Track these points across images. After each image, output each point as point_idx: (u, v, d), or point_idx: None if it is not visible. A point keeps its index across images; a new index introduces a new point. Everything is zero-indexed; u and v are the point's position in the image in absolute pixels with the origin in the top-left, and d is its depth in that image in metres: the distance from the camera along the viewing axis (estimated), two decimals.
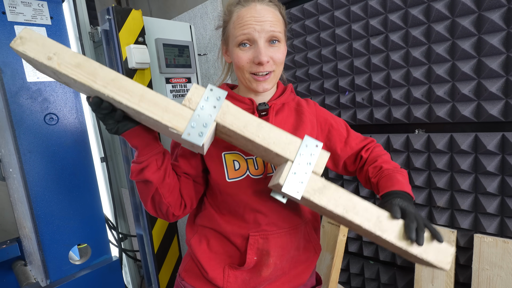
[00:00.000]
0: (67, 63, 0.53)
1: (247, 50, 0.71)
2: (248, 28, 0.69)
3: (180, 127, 0.55)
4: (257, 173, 0.75)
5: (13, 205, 1.46)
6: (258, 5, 0.70)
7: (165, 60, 1.31)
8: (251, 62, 0.71)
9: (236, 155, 0.76)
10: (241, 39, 0.71)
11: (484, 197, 1.03)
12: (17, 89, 1.03)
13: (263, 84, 0.74)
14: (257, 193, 0.74)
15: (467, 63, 1.00)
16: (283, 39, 0.73)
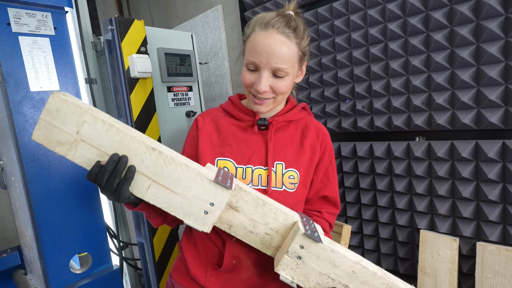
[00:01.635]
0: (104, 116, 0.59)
1: (252, 73, 0.74)
2: (256, 58, 0.72)
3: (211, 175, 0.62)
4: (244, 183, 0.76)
5: (14, 213, 1.46)
6: (275, 34, 0.71)
7: (166, 69, 1.32)
8: (252, 85, 0.75)
9: (228, 162, 0.79)
10: (248, 63, 0.74)
11: (486, 204, 1.03)
12: (20, 99, 1.04)
13: (258, 106, 0.78)
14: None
15: (466, 71, 1.01)
16: (291, 72, 0.74)
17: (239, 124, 0.85)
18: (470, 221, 1.07)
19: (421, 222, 1.17)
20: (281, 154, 0.80)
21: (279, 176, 0.79)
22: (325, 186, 0.86)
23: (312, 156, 0.83)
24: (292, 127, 0.85)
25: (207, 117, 0.88)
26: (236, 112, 0.86)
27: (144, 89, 1.22)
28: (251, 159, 0.80)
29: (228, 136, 0.83)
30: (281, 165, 0.80)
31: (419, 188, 1.16)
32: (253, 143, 0.81)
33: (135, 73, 1.15)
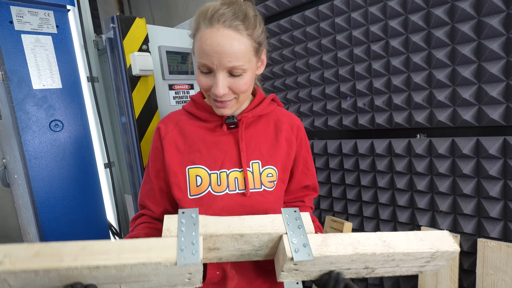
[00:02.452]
0: (22, 258, 0.47)
1: (207, 76, 0.68)
2: (206, 59, 0.65)
3: (172, 257, 0.52)
4: (219, 190, 0.73)
5: (17, 211, 1.47)
6: (222, 29, 0.63)
7: (168, 67, 1.33)
8: (210, 88, 0.69)
9: (200, 170, 0.74)
10: (200, 65, 0.67)
11: (487, 201, 1.03)
12: (23, 96, 1.05)
13: (221, 110, 0.72)
14: (215, 211, 0.73)
15: (467, 68, 1.01)
16: (249, 68, 0.68)
17: (206, 125, 0.79)
18: (471, 217, 1.07)
19: (422, 219, 1.18)
20: (256, 152, 0.77)
21: (257, 176, 0.75)
22: (306, 176, 0.88)
23: (289, 150, 0.81)
24: (264, 121, 0.81)
25: (169, 123, 0.80)
26: (200, 113, 0.79)
27: (145, 87, 1.23)
28: (224, 163, 0.75)
29: (196, 141, 0.77)
30: (257, 163, 0.76)
31: (420, 185, 1.16)
32: (224, 145, 0.77)
33: (136, 71, 1.15)
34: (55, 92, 1.12)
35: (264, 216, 0.61)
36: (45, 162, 1.09)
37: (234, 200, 0.74)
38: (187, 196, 0.73)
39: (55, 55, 1.12)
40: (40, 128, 1.09)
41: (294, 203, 0.91)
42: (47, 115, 1.10)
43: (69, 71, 1.15)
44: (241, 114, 0.78)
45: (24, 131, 1.05)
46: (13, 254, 0.47)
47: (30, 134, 1.06)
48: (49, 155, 1.10)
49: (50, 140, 1.10)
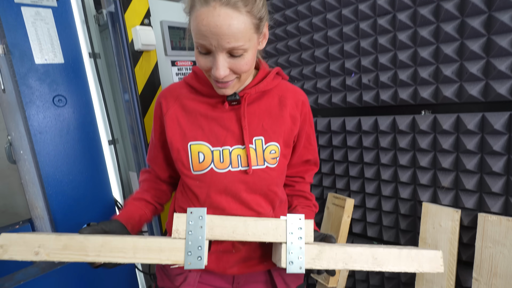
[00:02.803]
0: (54, 250, 0.54)
1: (206, 56, 0.65)
2: (204, 41, 0.61)
3: (180, 261, 0.58)
4: (222, 167, 0.73)
5: (25, 187, 1.50)
6: (219, 8, 0.58)
7: (170, 43, 1.31)
8: (210, 69, 0.66)
9: (202, 146, 0.74)
10: (198, 45, 0.64)
11: (489, 176, 1.03)
12: (26, 71, 1.04)
13: (223, 90, 0.70)
14: (218, 188, 0.74)
15: (476, 41, 0.99)
16: (250, 46, 0.64)
17: (208, 101, 0.76)
18: (473, 193, 1.08)
19: (423, 195, 1.19)
20: (259, 128, 0.76)
21: (260, 153, 0.75)
22: (307, 151, 0.89)
23: (293, 126, 0.80)
24: (267, 96, 0.79)
25: (170, 98, 0.79)
26: (202, 87, 0.77)
27: (148, 62, 1.21)
28: (226, 139, 0.74)
29: (197, 117, 0.76)
30: (260, 140, 0.75)
31: (423, 161, 1.16)
32: (226, 121, 0.75)
33: (139, 45, 1.14)
34: (58, 67, 1.11)
35: (268, 221, 0.63)
36: (50, 137, 1.10)
37: (237, 177, 0.74)
38: (190, 172, 0.74)
39: (56, 29, 1.10)
40: (44, 103, 1.08)
41: (294, 178, 0.92)
42: (50, 90, 1.09)
43: (71, 46, 1.13)
44: (243, 91, 0.75)
45: (28, 106, 1.05)
46: (46, 245, 0.54)
47: (34, 109, 1.07)
48: (54, 130, 1.11)
49: (54, 115, 1.11)
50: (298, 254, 0.62)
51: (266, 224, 0.63)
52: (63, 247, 0.54)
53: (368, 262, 0.63)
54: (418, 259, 0.65)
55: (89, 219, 1.23)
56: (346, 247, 0.64)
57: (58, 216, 1.14)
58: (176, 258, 0.58)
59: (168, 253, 0.58)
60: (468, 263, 1.11)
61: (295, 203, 0.91)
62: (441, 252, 0.66)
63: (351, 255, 0.63)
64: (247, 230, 0.62)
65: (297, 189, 0.92)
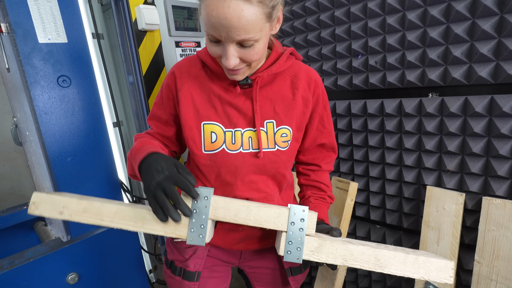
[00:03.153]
0: (75, 212, 0.61)
1: (217, 45, 0.64)
2: (214, 32, 0.60)
3: (183, 236, 0.62)
4: (234, 148, 0.74)
5: (31, 168, 1.52)
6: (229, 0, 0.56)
7: (174, 23, 1.29)
8: (221, 57, 0.65)
9: (215, 127, 0.74)
10: (208, 34, 0.63)
11: (495, 160, 1.03)
12: (29, 50, 1.04)
13: (233, 76, 0.69)
14: (229, 169, 0.75)
15: (488, 20, 0.96)
16: (261, 36, 0.63)
17: (221, 83, 0.76)
18: (478, 176, 1.07)
19: (428, 178, 1.19)
20: (271, 111, 0.76)
21: (271, 135, 0.75)
22: (321, 133, 0.86)
23: (305, 109, 0.79)
24: (280, 79, 0.78)
25: (185, 74, 0.77)
26: (216, 68, 0.75)
27: (152, 43, 1.20)
28: (238, 122, 0.75)
29: (211, 97, 0.75)
30: (271, 123, 0.76)
31: (429, 144, 1.15)
32: (238, 104, 0.75)
33: (142, 25, 1.12)
34: (61, 47, 1.10)
35: (272, 209, 0.63)
36: (55, 118, 1.10)
37: (248, 159, 0.75)
38: (201, 151, 0.74)
39: (58, 7, 1.08)
40: (49, 83, 1.08)
41: (310, 166, 0.90)
42: (54, 70, 1.09)
43: (74, 25, 1.12)
44: (255, 74, 0.74)
45: (32, 86, 1.05)
46: (69, 206, 0.61)
47: (39, 89, 1.06)
48: (59, 111, 1.11)
49: (59, 96, 1.10)
50: (297, 245, 0.63)
51: (269, 211, 0.64)
52: (82, 210, 0.61)
53: (370, 262, 0.62)
54: (426, 266, 0.63)
55: None
56: (349, 244, 0.63)
57: None
58: (180, 232, 0.62)
59: (173, 227, 0.61)
60: (471, 246, 1.12)
61: (308, 194, 0.89)
62: (453, 262, 0.65)
63: (352, 252, 0.62)
64: (249, 215, 0.63)
65: (312, 179, 0.90)
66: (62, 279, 1.14)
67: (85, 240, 1.19)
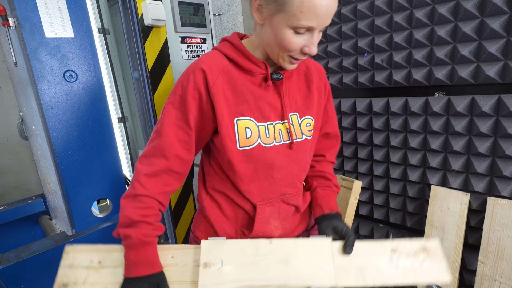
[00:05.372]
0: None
1: (301, 36, 0.63)
2: (314, 21, 0.60)
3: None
4: (268, 142, 0.75)
5: (37, 162, 1.53)
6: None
7: (180, 19, 1.29)
8: (299, 49, 0.66)
9: (249, 122, 0.74)
10: (300, 27, 0.61)
11: (501, 160, 1.02)
12: (36, 45, 1.04)
13: (293, 65, 0.71)
14: (266, 163, 0.75)
15: (496, 19, 0.95)
16: None
17: (252, 78, 0.75)
18: (483, 176, 1.07)
19: (433, 178, 1.18)
20: (293, 105, 0.79)
21: (297, 126, 0.78)
22: (326, 123, 0.89)
23: (319, 99, 0.83)
24: (295, 74, 0.80)
25: (215, 69, 0.72)
26: (246, 63, 0.73)
27: (158, 38, 1.20)
28: (270, 115, 0.76)
29: (243, 91, 0.73)
30: (295, 115, 0.78)
31: (434, 144, 1.15)
32: (269, 98, 0.76)
33: (148, 20, 1.12)
34: (68, 42, 1.10)
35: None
36: (61, 112, 1.11)
37: (282, 150, 0.77)
38: (236, 147, 0.73)
39: (65, 2, 1.08)
40: (55, 78, 1.09)
41: (315, 157, 0.92)
42: (61, 65, 1.09)
43: (80, 20, 1.12)
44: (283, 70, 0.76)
45: (39, 80, 1.06)
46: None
47: (45, 84, 1.07)
48: (65, 106, 1.11)
49: (65, 91, 1.11)
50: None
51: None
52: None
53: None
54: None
55: (100, 194, 1.26)
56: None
57: (71, 191, 1.16)
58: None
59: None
60: (474, 246, 1.12)
61: (315, 185, 0.90)
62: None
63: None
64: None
65: (318, 169, 0.91)
66: None
67: (90, 234, 1.20)
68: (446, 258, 1.10)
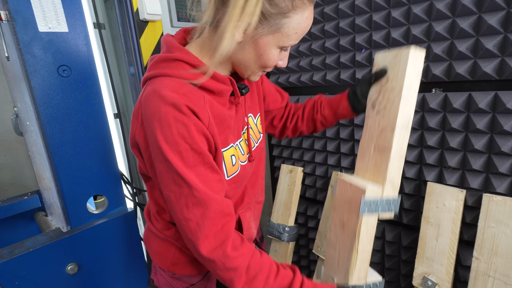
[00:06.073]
0: None
1: (282, 53, 0.65)
2: (298, 39, 0.63)
3: None
4: (244, 159, 0.76)
5: (32, 159, 1.52)
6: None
7: (176, 13, 1.27)
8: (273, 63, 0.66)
9: (232, 149, 0.70)
10: (289, 45, 0.63)
11: (497, 157, 1.02)
12: (29, 39, 1.03)
13: (258, 77, 0.73)
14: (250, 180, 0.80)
15: (494, 15, 0.94)
16: None
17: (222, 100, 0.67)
18: (479, 173, 1.07)
19: (429, 174, 1.18)
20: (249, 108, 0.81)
21: (254, 127, 0.80)
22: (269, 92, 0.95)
23: (258, 90, 0.86)
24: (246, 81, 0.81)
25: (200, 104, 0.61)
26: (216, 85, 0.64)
27: (153, 33, 1.19)
28: (240, 131, 0.74)
29: (225, 118, 0.67)
30: (250, 117, 0.80)
31: (431, 140, 1.15)
32: (240, 113, 0.73)
33: (144, 15, 1.11)
34: (62, 36, 1.09)
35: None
36: (56, 108, 1.09)
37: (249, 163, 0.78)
38: (225, 178, 0.68)
39: None
40: (49, 73, 1.07)
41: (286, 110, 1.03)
42: (54, 59, 1.08)
43: (75, 14, 1.11)
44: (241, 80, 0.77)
45: (33, 75, 1.04)
46: None
47: (39, 79, 1.06)
48: (59, 101, 1.10)
49: (59, 86, 1.10)
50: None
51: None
52: None
53: None
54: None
55: (95, 191, 1.25)
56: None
57: (66, 187, 1.15)
58: None
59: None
60: (470, 243, 1.12)
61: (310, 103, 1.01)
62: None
63: None
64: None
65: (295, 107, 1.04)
66: (62, 269, 1.14)
67: (85, 230, 1.19)
68: (442, 254, 1.11)
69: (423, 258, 1.16)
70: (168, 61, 0.61)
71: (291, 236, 1.42)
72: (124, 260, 1.33)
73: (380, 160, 0.76)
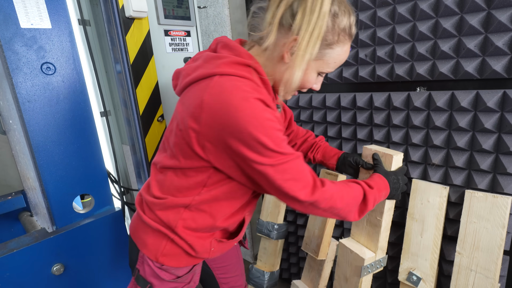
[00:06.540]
0: None
1: (318, 77, 0.76)
2: (336, 67, 0.74)
3: None
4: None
5: (16, 157, 1.48)
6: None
7: (163, 11, 1.26)
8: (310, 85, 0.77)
9: None
10: (326, 72, 0.74)
11: (479, 154, 1.05)
12: (11, 35, 1.00)
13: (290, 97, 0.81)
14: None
15: (476, 16, 0.96)
16: None
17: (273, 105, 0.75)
18: (462, 170, 1.10)
19: (414, 171, 1.21)
20: None
21: None
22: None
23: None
24: None
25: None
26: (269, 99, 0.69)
27: (140, 31, 1.17)
28: None
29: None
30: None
31: (415, 138, 1.17)
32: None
33: (130, 12, 1.10)
34: (45, 33, 1.07)
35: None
36: (39, 106, 1.08)
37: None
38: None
39: None
40: (32, 70, 1.05)
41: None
42: (37, 56, 1.06)
43: (58, 10, 1.08)
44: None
45: (15, 73, 1.02)
46: None
47: (21, 76, 1.03)
48: (43, 99, 1.08)
49: (42, 84, 1.07)
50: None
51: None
52: None
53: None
54: None
55: (81, 190, 1.23)
56: None
57: (50, 187, 1.13)
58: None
59: None
60: (453, 238, 1.15)
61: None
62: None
63: None
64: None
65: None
66: (47, 270, 1.13)
67: (71, 230, 1.17)
68: (426, 250, 1.13)
69: (408, 253, 1.18)
70: (242, 65, 0.69)
71: (280, 233, 1.43)
72: (111, 260, 1.32)
73: (372, 232, 1.01)
